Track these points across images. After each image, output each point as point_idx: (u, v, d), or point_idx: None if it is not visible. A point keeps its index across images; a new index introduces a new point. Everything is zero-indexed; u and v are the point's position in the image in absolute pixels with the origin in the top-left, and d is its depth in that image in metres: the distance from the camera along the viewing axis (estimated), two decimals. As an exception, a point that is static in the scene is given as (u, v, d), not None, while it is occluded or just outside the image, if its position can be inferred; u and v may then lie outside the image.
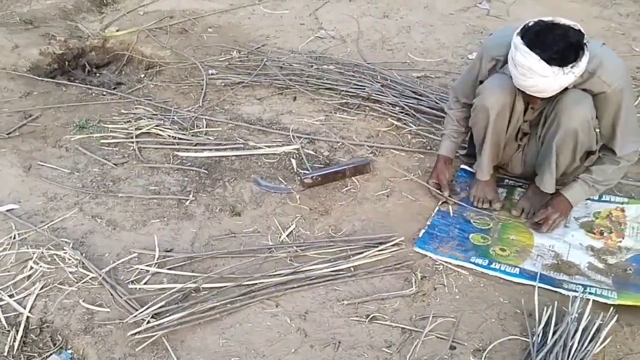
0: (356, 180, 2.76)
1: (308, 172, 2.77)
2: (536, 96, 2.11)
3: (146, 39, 4.18)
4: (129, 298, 2.16)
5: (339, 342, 2.01)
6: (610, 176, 2.35)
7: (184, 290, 2.19)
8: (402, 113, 3.19)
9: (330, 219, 2.56)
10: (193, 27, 4.31)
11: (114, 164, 2.93)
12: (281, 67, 3.69)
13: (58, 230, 2.53)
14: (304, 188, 2.72)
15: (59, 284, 2.27)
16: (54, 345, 2.08)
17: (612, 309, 2.02)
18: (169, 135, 3.12)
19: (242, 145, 3.03)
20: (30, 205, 2.68)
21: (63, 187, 2.78)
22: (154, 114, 3.32)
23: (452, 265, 2.28)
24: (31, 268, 2.33)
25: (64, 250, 2.39)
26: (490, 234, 2.43)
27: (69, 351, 2.04)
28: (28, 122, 3.29)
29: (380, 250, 2.34)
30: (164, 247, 2.42)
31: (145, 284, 2.25)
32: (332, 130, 3.13)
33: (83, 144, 3.10)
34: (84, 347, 2.04)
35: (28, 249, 2.42)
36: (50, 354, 2.04)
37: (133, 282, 2.26)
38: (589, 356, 1.86)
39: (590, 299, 2.04)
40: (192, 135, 3.13)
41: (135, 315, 2.08)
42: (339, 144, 3.02)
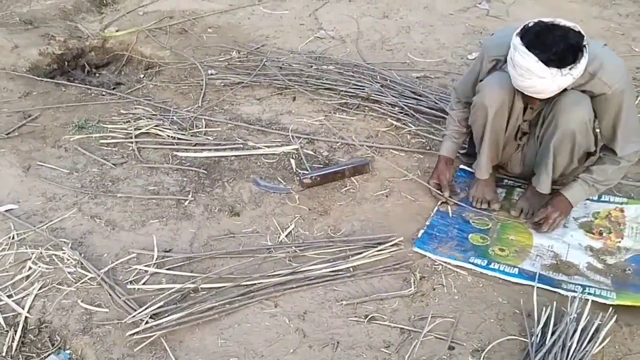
0: (355, 181, 2.76)
1: (307, 172, 2.77)
2: (534, 97, 2.11)
3: (146, 39, 4.18)
4: (127, 298, 2.16)
5: (338, 343, 2.00)
6: (611, 176, 2.34)
7: (183, 290, 2.19)
8: (402, 113, 3.18)
9: (329, 219, 2.56)
10: (193, 28, 4.31)
11: (113, 164, 2.93)
12: (281, 68, 3.69)
13: (57, 231, 2.53)
14: (303, 188, 2.72)
15: (57, 284, 2.26)
16: (53, 345, 2.08)
17: (611, 309, 2.01)
18: (168, 136, 3.12)
19: (242, 146, 3.02)
20: (29, 205, 2.68)
21: (62, 187, 2.78)
22: (153, 114, 3.32)
23: (451, 265, 2.27)
24: (30, 268, 2.33)
25: (63, 250, 2.39)
26: (489, 234, 2.42)
27: (68, 351, 2.04)
28: (27, 122, 3.29)
29: (379, 250, 2.33)
30: (162, 248, 2.42)
31: (144, 284, 2.25)
32: (332, 130, 3.13)
33: (82, 144, 3.10)
34: (83, 348, 2.04)
35: (27, 249, 2.42)
36: (49, 354, 2.04)
37: (132, 283, 2.26)
38: (587, 356, 1.86)
39: (589, 299, 2.03)
40: (192, 136, 3.12)
41: (133, 316, 2.07)
42: (338, 144, 3.02)
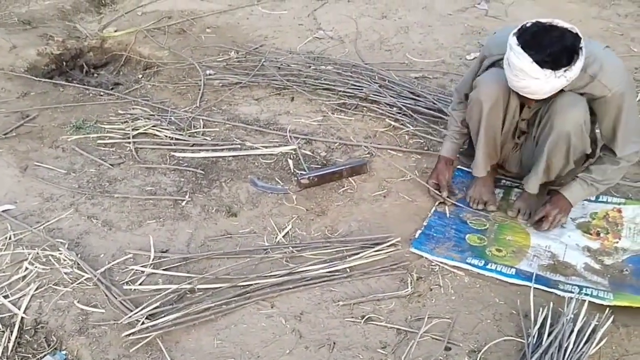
0: (353, 181, 2.76)
1: (305, 173, 2.76)
2: (529, 97, 2.11)
3: (144, 40, 4.18)
4: (123, 299, 2.16)
5: (334, 343, 2.00)
6: (610, 176, 2.33)
7: (179, 291, 2.19)
8: (400, 114, 3.18)
9: (326, 220, 2.55)
10: (191, 28, 4.31)
11: (111, 165, 2.92)
12: (279, 68, 3.68)
13: (54, 231, 2.52)
14: (301, 188, 2.71)
15: (54, 284, 2.26)
16: (49, 346, 2.08)
17: (608, 310, 2.00)
18: (166, 136, 3.12)
19: (239, 146, 3.02)
20: (26, 205, 2.67)
21: (59, 188, 2.78)
22: (151, 115, 3.32)
23: (448, 266, 2.27)
24: (26, 269, 2.33)
25: (60, 251, 2.39)
26: (487, 235, 2.42)
27: (63, 352, 2.04)
28: (25, 123, 3.29)
29: (376, 251, 2.33)
30: (159, 248, 2.42)
31: (140, 284, 2.24)
32: (330, 130, 3.13)
33: (80, 144, 3.09)
34: (79, 348, 2.04)
35: (23, 249, 2.42)
36: (45, 355, 2.03)
37: (128, 283, 2.25)
38: (584, 357, 1.86)
39: (586, 300, 2.03)
40: (189, 136, 3.12)
41: (129, 316, 2.07)
42: (336, 145, 3.02)
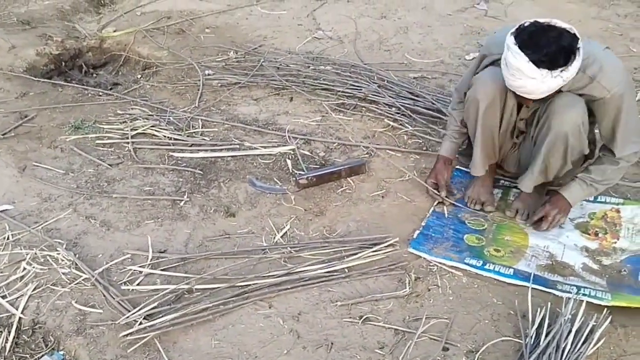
0: (351, 181, 2.75)
1: (303, 173, 2.76)
2: (525, 97, 2.10)
3: (143, 40, 4.17)
4: (121, 299, 2.16)
5: (332, 343, 2.00)
6: (610, 176, 2.33)
7: (177, 291, 2.18)
8: (399, 114, 3.18)
9: (325, 220, 2.55)
10: (190, 28, 4.31)
11: (109, 165, 2.92)
12: (278, 68, 3.68)
13: (52, 231, 2.52)
14: (299, 189, 2.71)
15: (51, 285, 2.26)
16: (46, 346, 2.08)
17: (606, 310, 2.00)
18: (165, 136, 3.12)
19: (238, 146, 3.02)
20: (24, 205, 2.67)
21: (57, 188, 2.77)
22: (150, 115, 3.32)
23: (446, 266, 2.27)
24: (24, 269, 2.33)
25: (57, 251, 2.39)
26: (485, 235, 2.42)
27: (61, 352, 2.04)
28: (24, 123, 3.29)
29: (374, 251, 2.33)
30: (157, 248, 2.41)
31: (138, 285, 2.24)
32: (328, 130, 3.13)
33: (78, 144, 3.09)
34: (76, 349, 2.04)
35: (21, 249, 2.41)
36: (42, 355, 2.03)
37: (126, 283, 2.25)
38: (582, 357, 1.85)
39: (584, 300, 2.03)
40: (188, 136, 3.12)
41: (127, 317, 2.07)
42: (334, 145, 3.02)
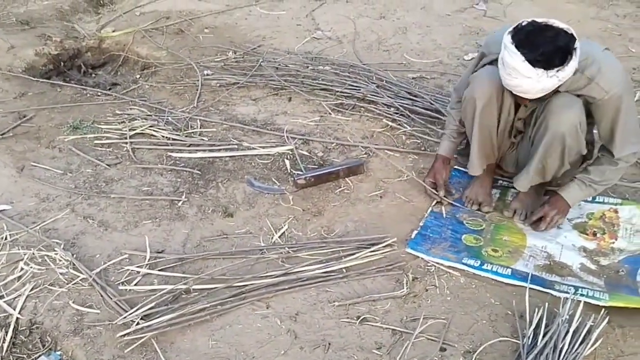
0: (350, 181, 2.75)
1: (301, 173, 2.76)
2: (521, 96, 2.10)
3: (142, 40, 4.18)
4: (119, 299, 2.16)
5: (329, 344, 1.99)
6: (608, 176, 2.33)
7: (175, 291, 2.18)
8: (397, 114, 3.18)
9: (323, 220, 2.55)
10: (189, 28, 4.31)
11: (107, 165, 2.92)
12: (277, 68, 3.68)
13: (50, 231, 2.52)
14: (297, 189, 2.71)
15: (49, 285, 2.26)
16: (43, 346, 2.07)
17: (604, 310, 2.00)
18: (163, 136, 3.11)
19: (236, 146, 3.02)
20: (22, 205, 2.67)
21: (55, 188, 2.77)
22: (149, 115, 3.32)
23: (444, 266, 2.26)
24: (22, 269, 2.32)
25: (55, 251, 2.38)
26: (483, 235, 2.41)
27: (58, 352, 2.03)
28: (22, 123, 3.29)
29: (372, 251, 2.32)
30: (155, 248, 2.41)
31: (135, 285, 2.24)
32: (327, 131, 3.13)
33: (76, 144, 3.09)
34: (73, 349, 2.03)
35: (19, 249, 2.41)
36: (40, 356, 2.03)
37: (123, 284, 2.25)
38: (579, 358, 1.85)
39: (581, 301, 2.02)
40: (186, 136, 3.12)
41: (124, 317, 2.07)
42: (333, 145, 3.02)
